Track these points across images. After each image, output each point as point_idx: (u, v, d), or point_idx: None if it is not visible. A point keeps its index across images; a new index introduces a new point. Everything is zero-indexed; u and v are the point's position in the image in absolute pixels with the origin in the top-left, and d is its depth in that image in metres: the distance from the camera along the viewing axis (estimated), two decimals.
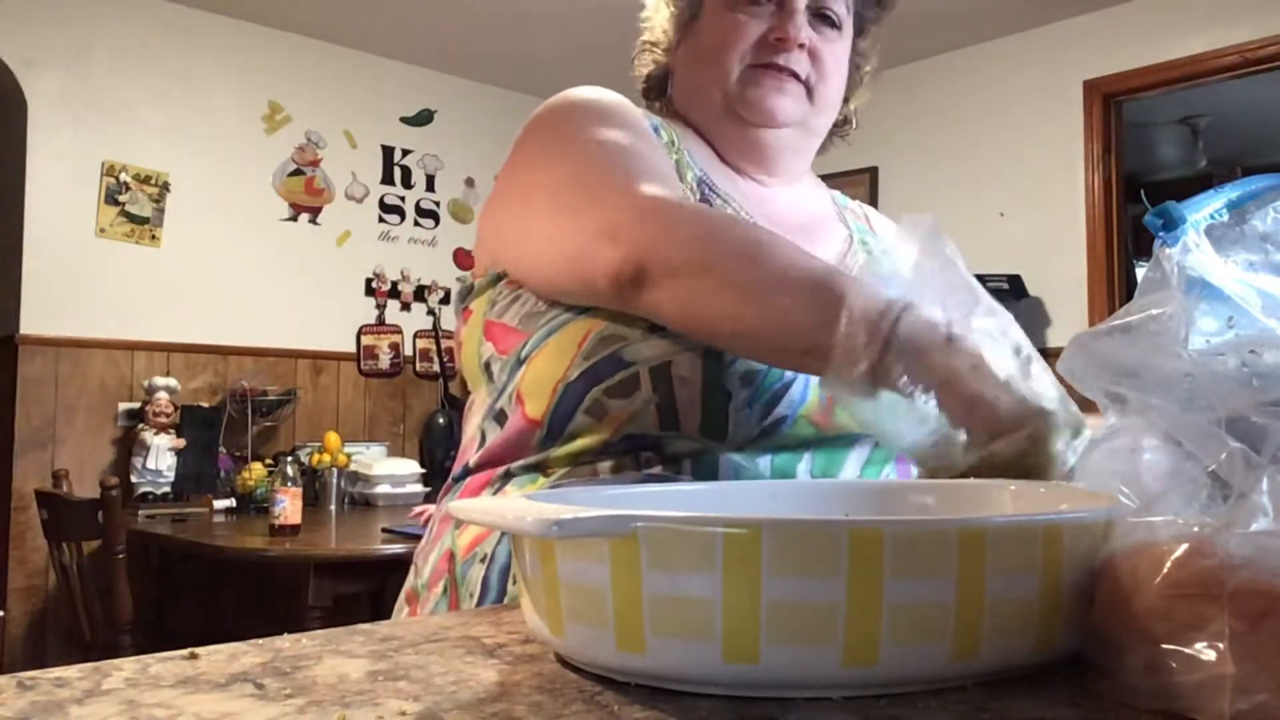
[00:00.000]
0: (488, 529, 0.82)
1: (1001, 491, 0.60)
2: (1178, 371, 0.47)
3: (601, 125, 0.90)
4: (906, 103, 4.49)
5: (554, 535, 0.41)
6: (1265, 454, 0.43)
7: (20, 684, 0.43)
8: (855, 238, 1.06)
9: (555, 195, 0.86)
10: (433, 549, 0.90)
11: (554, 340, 0.85)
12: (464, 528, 0.87)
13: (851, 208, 1.13)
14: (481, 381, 0.93)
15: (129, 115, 3.81)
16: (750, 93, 0.97)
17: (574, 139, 0.90)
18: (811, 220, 1.04)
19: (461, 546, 0.86)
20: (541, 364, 0.85)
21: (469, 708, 0.40)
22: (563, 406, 0.83)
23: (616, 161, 0.86)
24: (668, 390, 0.81)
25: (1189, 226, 0.52)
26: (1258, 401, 0.45)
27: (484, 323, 0.93)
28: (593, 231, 0.80)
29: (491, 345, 0.91)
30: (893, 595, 0.39)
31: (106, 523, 2.68)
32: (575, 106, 0.94)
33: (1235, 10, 3.63)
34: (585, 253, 0.80)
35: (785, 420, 0.83)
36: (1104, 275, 3.90)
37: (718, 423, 0.81)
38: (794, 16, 0.97)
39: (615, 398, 0.82)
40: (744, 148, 1.00)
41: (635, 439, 0.82)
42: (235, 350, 4.00)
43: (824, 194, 1.11)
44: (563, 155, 0.89)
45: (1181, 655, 0.38)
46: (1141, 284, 0.52)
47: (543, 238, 0.86)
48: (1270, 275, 0.52)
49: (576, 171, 0.86)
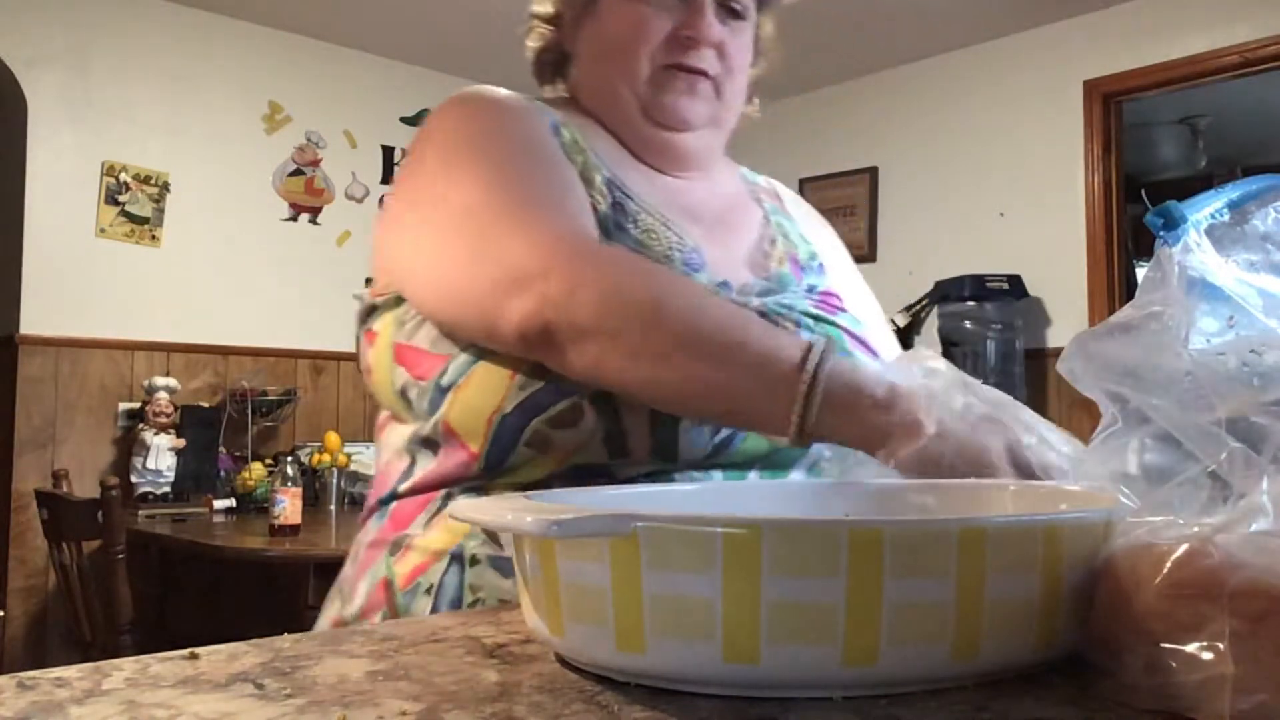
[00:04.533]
0: (431, 557, 0.80)
1: (1001, 491, 0.60)
2: (1178, 371, 0.47)
3: (505, 139, 0.86)
4: (906, 103, 4.49)
5: (554, 535, 0.41)
6: (1265, 454, 0.43)
7: (20, 684, 0.43)
8: (770, 219, 1.03)
9: (454, 223, 0.81)
10: (361, 577, 0.85)
11: (481, 369, 0.80)
12: (401, 555, 0.82)
13: (761, 185, 1.10)
14: (400, 408, 0.87)
15: (129, 115, 3.81)
16: (663, 98, 0.93)
17: (476, 154, 0.84)
18: (726, 208, 1.01)
19: (401, 575, 0.81)
20: (470, 395, 0.80)
21: (469, 708, 0.40)
22: (500, 441, 0.79)
23: (522, 189, 0.81)
24: (614, 418, 0.77)
25: (1190, 226, 0.52)
26: (1258, 401, 0.45)
27: (393, 346, 0.87)
28: (496, 276, 0.76)
29: (405, 370, 0.85)
30: (893, 595, 0.39)
31: (106, 523, 2.67)
32: (477, 113, 0.89)
33: (1235, 10, 3.63)
34: (488, 300, 0.76)
35: (736, 436, 0.80)
36: (1104, 275, 3.90)
37: (669, 446, 0.79)
38: (704, 13, 0.92)
39: (559, 429, 0.78)
40: (656, 148, 0.96)
41: (584, 470, 0.79)
42: (235, 350, 4.00)
43: (735, 176, 1.08)
44: (463, 174, 0.83)
45: (1181, 655, 0.38)
46: (1142, 284, 0.52)
47: (438, 270, 0.81)
48: (1271, 275, 0.52)
49: (478, 198, 0.81)
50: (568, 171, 0.87)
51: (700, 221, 0.95)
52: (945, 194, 4.35)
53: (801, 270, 0.99)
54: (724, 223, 0.98)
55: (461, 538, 0.80)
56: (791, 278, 0.96)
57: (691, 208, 0.95)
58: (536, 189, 0.82)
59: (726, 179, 1.06)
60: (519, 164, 0.84)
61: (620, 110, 0.95)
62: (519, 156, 0.85)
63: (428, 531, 0.82)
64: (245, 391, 3.83)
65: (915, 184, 4.46)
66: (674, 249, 0.87)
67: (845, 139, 4.69)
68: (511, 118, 0.89)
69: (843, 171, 4.64)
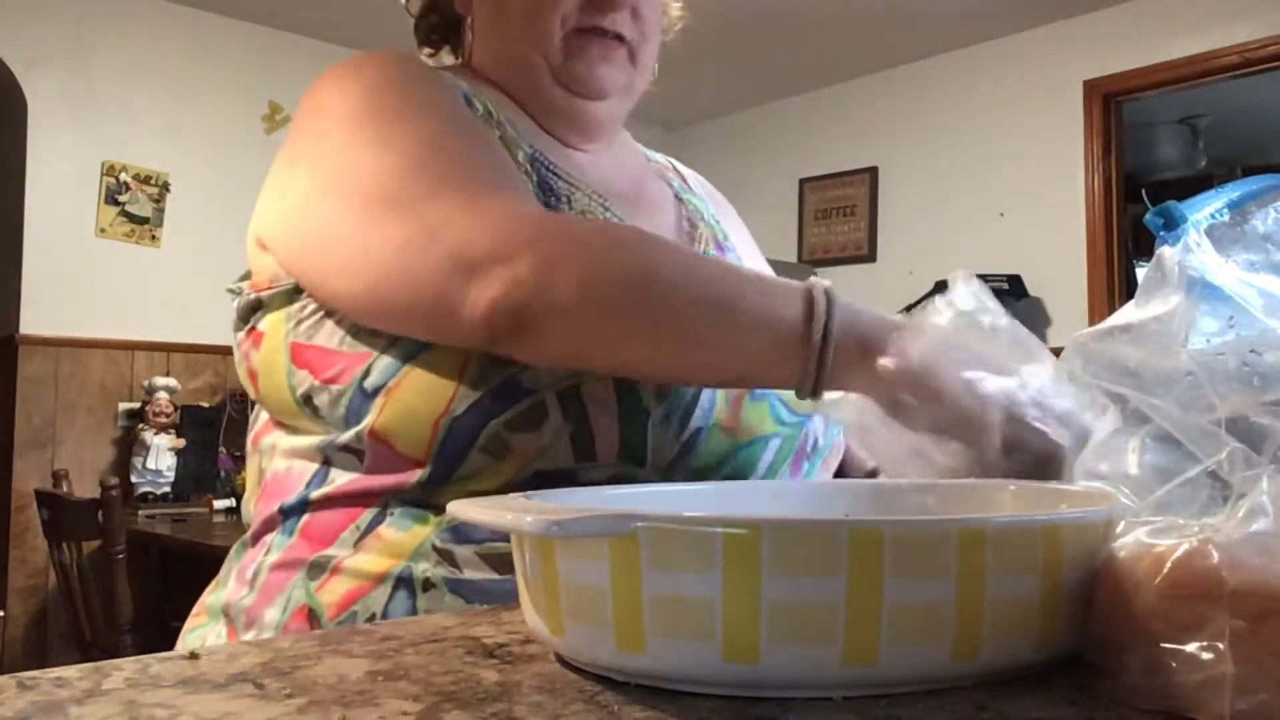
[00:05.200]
0: (368, 582, 0.70)
1: (1001, 491, 0.59)
2: (1178, 371, 0.47)
3: (426, 105, 0.76)
4: (906, 103, 4.50)
5: (554, 535, 0.41)
6: (1265, 454, 0.43)
7: (20, 684, 0.43)
8: (681, 198, 0.98)
9: (379, 201, 0.70)
10: (268, 604, 0.73)
11: (420, 367, 0.71)
12: (324, 581, 0.71)
13: (660, 162, 1.04)
14: (302, 417, 0.76)
15: (129, 115, 3.82)
16: (576, 65, 0.86)
17: (397, 122, 0.74)
18: (636, 182, 0.95)
19: (328, 604, 0.70)
20: (407, 398, 0.71)
21: (469, 708, 0.40)
22: (450, 446, 0.70)
23: (455, 161, 0.72)
24: (581, 416, 0.70)
25: (1190, 226, 0.52)
26: (1258, 401, 0.45)
27: (288, 347, 0.76)
28: (445, 261, 0.66)
29: (308, 373, 0.74)
30: (893, 595, 0.39)
31: (106, 523, 2.67)
32: (391, 78, 0.78)
33: (1235, 10, 3.63)
34: (439, 288, 0.67)
35: (700, 434, 0.75)
36: (1104, 275, 3.90)
37: (637, 445, 0.72)
38: None
39: (520, 431, 0.70)
40: (568, 117, 0.89)
41: (544, 475, 0.70)
42: None
43: (635, 150, 1.01)
44: (384, 144, 0.72)
45: (1181, 655, 0.38)
46: (1142, 284, 0.52)
47: (363, 256, 0.70)
48: (1271, 275, 0.52)
49: (406, 171, 0.71)
50: (496, 143, 0.79)
51: (612, 195, 0.88)
52: (945, 194, 4.35)
53: (724, 254, 0.94)
54: (639, 200, 0.92)
55: (405, 559, 0.70)
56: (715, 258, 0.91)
57: (604, 182, 0.89)
58: (471, 160, 0.73)
59: (628, 154, 0.99)
60: (447, 133, 0.75)
61: (529, 78, 0.87)
62: (445, 125, 0.75)
63: (358, 552, 0.72)
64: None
65: (915, 184, 4.46)
66: None
67: (845, 139, 4.69)
68: (426, 82, 0.79)
69: (843, 171, 4.64)
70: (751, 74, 4.61)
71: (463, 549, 0.71)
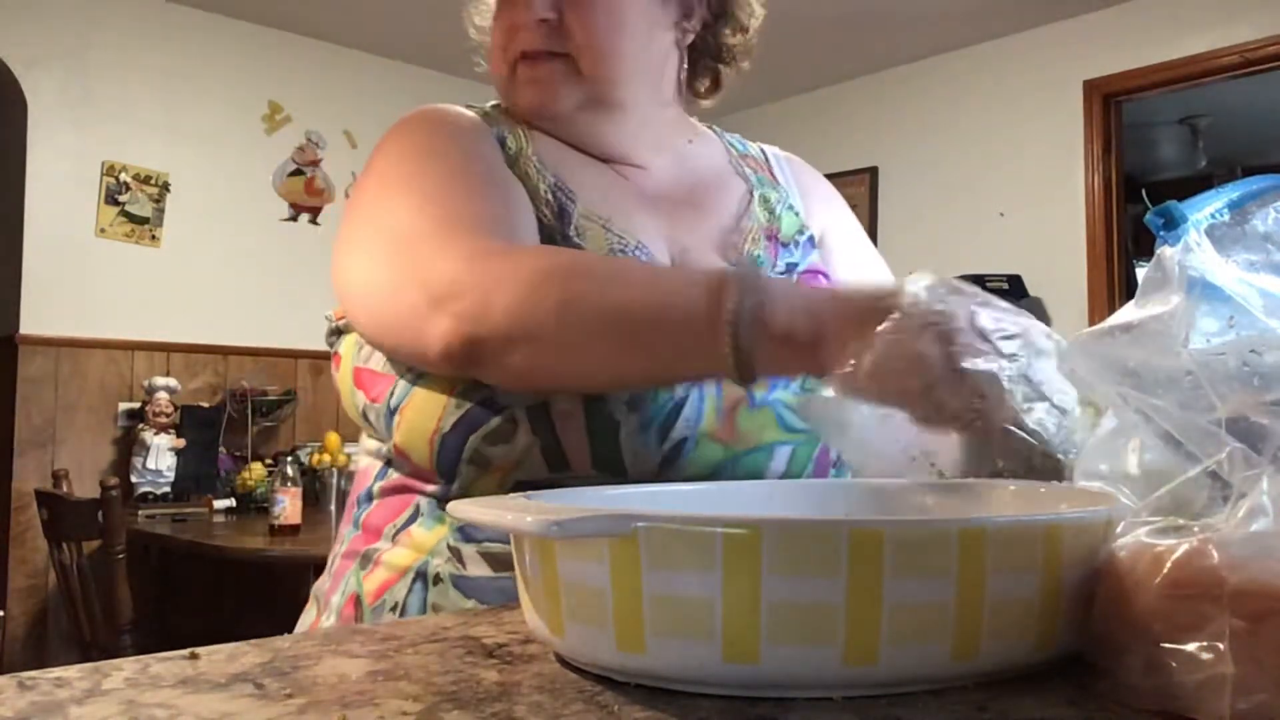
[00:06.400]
0: (396, 574, 0.79)
1: (1001, 491, 0.60)
2: (1178, 371, 0.47)
3: (440, 160, 0.83)
4: (906, 103, 4.50)
5: (554, 535, 0.41)
6: (1265, 454, 0.43)
7: (20, 684, 0.43)
8: (755, 192, 0.97)
9: (383, 247, 0.79)
10: (335, 591, 0.83)
11: (421, 389, 0.78)
12: (371, 569, 0.81)
13: (751, 155, 1.03)
14: (366, 426, 0.86)
15: (129, 115, 3.81)
16: (516, 94, 0.90)
17: (410, 178, 0.82)
18: (695, 187, 0.94)
19: (368, 591, 0.80)
20: (412, 416, 0.78)
21: (469, 708, 0.40)
22: (444, 460, 0.77)
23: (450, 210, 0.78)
24: (549, 430, 0.75)
25: (1190, 226, 0.52)
26: (1258, 401, 0.45)
27: (353, 370, 0.85)
28: (415, 300, 0.73)
29: (363, 394, 0.83)
30: (893, 595, 0.39)
31: (106, 523, 2.67)
32: (416, 137, 0.86)
33: (1235, 10, 3.63)
34: (412, 324, 0.73)
35: (686, 443, 0.77)
36: (1104, 275, 3.90)
37: (611, 457, 0.75)
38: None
39: (495, 444, 0.75)
40: (583, 142, 0.91)
41: (527, 485, 0.75)
42: (235, 350, 4.00)
43: (716, 148, 1.01)
44: (396, 198, 0.81)
45: (1181, 655, 0.38)
46: (1142, 284, 0.52)
47: (367, 295, 0.79)
48: (1271, 275, 0.52)
49: (407, 222, 0.78)
50: (508, 188, 0.84)
51: (659, 210, 0.90)
52: (945, 194, 4.34)
53: (781, 247, 0.94)
54: (692, 205, 0.92)
55: (425, 554, 0.79)
56: (766, 258, 0.91)
57: (654, 194, 0.91)
58: (467, 208, 0.78)
59: (702, 153, 0.99)
60: (451, 185, 0.81)
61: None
62: (452, 178, 0.81)
63: (395, 546, 0.81)
64: (245, 391, 3.83)
65: (915, 184, 4.46)
66: (613, 251, 0.84)
67: (845, 139, 4.69)
68: (451, 138, 0.86)
69: (843, 171, 4.64)
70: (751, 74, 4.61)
71: (467, 547, 0.78)
